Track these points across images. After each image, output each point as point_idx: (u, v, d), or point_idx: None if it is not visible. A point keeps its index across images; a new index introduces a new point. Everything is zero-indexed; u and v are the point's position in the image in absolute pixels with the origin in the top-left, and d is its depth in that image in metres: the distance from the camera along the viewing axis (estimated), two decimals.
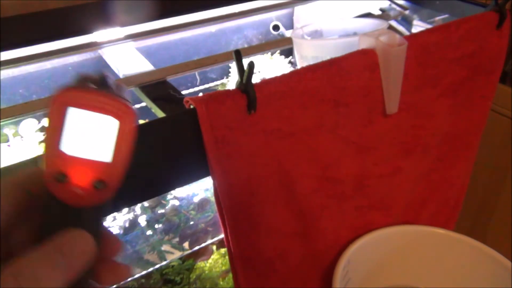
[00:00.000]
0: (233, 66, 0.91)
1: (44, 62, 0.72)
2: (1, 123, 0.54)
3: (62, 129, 0.26)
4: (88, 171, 0.27)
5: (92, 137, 0.27)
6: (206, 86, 0.91)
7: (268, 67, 0.90)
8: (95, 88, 0.27)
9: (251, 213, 0.48)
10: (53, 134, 0.26)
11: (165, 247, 0.76)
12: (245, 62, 0.39)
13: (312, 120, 0.47)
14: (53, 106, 0.26)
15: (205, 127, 0.39)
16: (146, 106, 0.61)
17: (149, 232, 0.76)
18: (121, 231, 0.74)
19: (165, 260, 0.75)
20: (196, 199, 0.80)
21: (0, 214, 0.26)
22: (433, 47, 0.53)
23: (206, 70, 0.91)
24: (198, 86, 0.90)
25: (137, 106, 0.76)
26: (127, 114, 0.27)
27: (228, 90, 0.41)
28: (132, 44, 0.71)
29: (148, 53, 0.79)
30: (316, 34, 0.66)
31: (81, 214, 0.27)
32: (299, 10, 0.98)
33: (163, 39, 0.84)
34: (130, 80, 0.61)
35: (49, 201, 0.27)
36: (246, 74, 0.39)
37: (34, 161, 0.35)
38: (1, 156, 0.67)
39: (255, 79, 0.47)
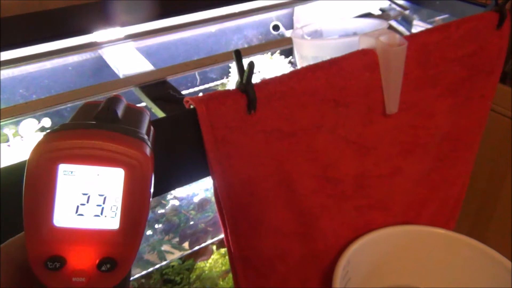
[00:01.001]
0: (233, 66, 0.91)
1: (44, 62, 0.72)
2: (1, 123, 0.54)
3: (54, 197, 0.19)
4: (89, 247, 0.19)
5: (92, 197, 0.19)
6: (206, 86, 0.91)
7: (268, 67, 0.90)
8: (95, 125, 0.20)
9: (251, 213, 0.48)
10: (42, 206, 0.19)
11: (165, 247, 0.76)
12: (245, 62, 0.39)
13: (312, 120, 0.47)
14: (36, 164, 0.18)
15: (205, 127, 0.39)
16: (146, 106, 0.61)
17: (149, 232, 0.76)
18: None
19: (165, 260, 0.75)
20: (196, 199, 0.80)
21: None
22: (433, 47, 0.53)
23: (206, 70, 0.91)
24: (198, 86, 0.90)
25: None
26: (137, 159, 0.19)
27: (228, 90, 0.41)
28: (132, 44, 0.71)
29: (148, 53, 0.79)
30: (316, 34, 0.66)
31: None
32: (299, 10, 0.98)
33: (163, 39, 0.84)
34: (130, 80, 0.61)
35: None
36: (246, 74, 0.39)
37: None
38: (1, 156, 0.67)
39: (255, 79, 0.47)
